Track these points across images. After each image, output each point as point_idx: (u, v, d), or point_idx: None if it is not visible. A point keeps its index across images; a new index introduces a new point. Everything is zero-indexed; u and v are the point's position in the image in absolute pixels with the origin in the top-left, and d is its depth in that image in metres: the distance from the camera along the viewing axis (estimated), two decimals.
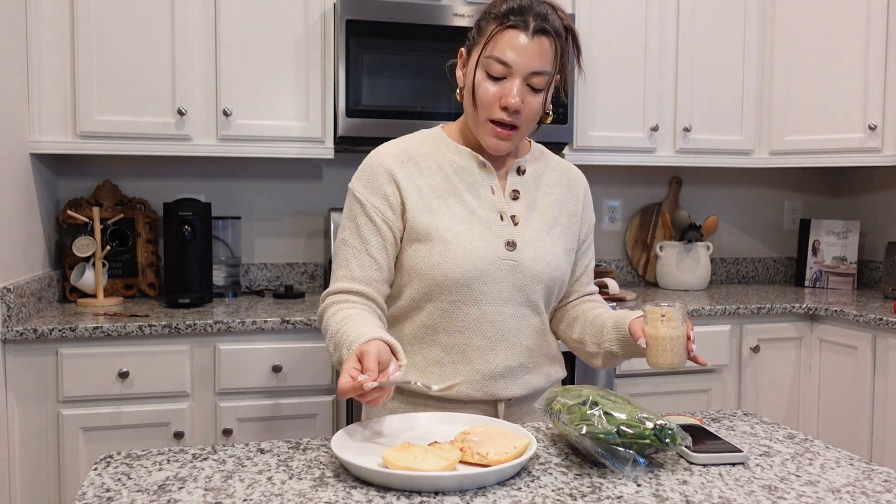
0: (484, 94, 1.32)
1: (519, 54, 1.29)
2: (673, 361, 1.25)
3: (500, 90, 1.31)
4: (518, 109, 1.31)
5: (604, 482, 1.04)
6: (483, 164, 1.40)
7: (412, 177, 1.36)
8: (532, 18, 1.29)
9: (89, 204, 2.63)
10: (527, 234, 1.38)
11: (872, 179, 3.33)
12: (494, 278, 1.34)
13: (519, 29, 1.29)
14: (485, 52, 1.32)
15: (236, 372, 2.21)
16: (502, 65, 1.30)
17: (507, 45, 1.29)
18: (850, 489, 1.03)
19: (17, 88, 2.24)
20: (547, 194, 1.45)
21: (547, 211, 1.43)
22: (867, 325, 2.51)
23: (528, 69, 1.30)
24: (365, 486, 1.01)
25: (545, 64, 1.31)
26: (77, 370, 2.10)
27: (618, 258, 3.27)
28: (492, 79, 1.31)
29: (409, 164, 1.37)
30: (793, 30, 2.91)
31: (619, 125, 2.83)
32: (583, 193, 1.50)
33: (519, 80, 1.30)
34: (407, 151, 1.39)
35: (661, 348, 1.25)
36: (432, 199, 1.35)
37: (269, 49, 2.49)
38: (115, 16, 2.36)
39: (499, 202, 1.39)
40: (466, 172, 1.39)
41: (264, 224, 2.87)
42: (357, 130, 2.48)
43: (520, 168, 1.43)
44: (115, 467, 1.09)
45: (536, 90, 1.32)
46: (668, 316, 1.24)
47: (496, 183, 1.40)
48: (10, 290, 2.06)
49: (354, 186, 1.39)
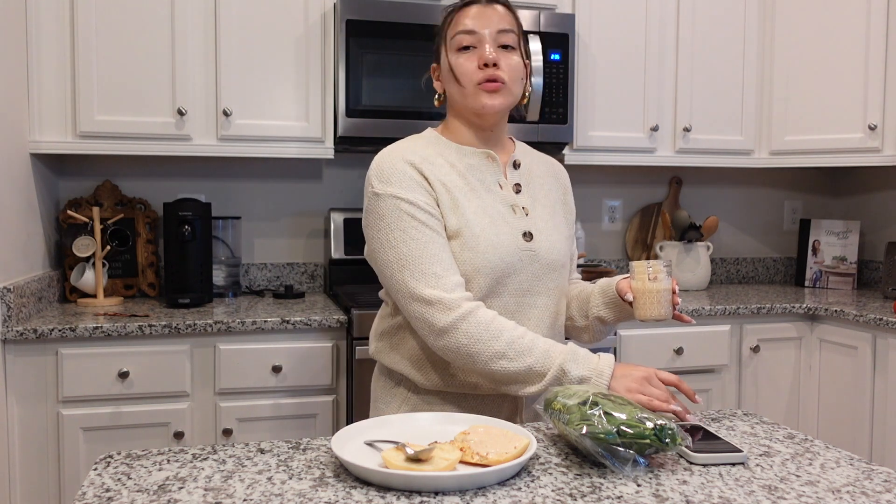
0: (462, 65, 1.37)
1: (479, 18, 1.36)
2: (660, 313, 1.33)
3: (475, 55, 1.36)
4: (496, 63, 1.35)
5: (604, 482, 1.04)
6: (490, 156, 1.42)
7: (434, 173, 1.36)
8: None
9: (89, 204, 2.63)
10: (538, 224, 1.42)
11: (872, 179, 3.33)
12: (517, 269, 1.38)
13: (473, 4, 1.38)
14: (449, 35, 1.39)
15: (236, 372, 2.21)
16: (468, 33, 1.36)
17: (466, 17, 1.37)
18: (850, 489, 1.03)
19: (17, 88, 2.24)
20: (541, 185, 1.49)
21: (546, 201, 1.47)
22: (867, 325, 2.51)
23: (494, 28, 1.36)
24: (365, 486, 1.01)
25: (507, 22, 1.37)
26: (77, 370, 2.10)
27: (618, 258, 3.27)
28: (464, 51, 1.37)
29: (425, 162, 1.37)
30: (793, 30, 2.91)
31: (619, 125, 2.83)
32: (566, 183, 1.57)
33: (488, 39, 1.36)
34: (416, 152, 1.39)
35: (649, 300, 1.32)
36: (456, 194, 1.36)
37: (269, 49, 2.49)
38: (115, 16, 2.36)
39: (509, 196, 1.42)
40: (476, 169, 1.41)
41: (264, 224, 2.87)
42: (357, 130, 2.48)
43: (515, 162, 1.47)
44: (115, 467, 1.09)
45: (509, 48, 1.37)
46: (654, 269, 1.32)
47: (503, 178, 1.43)
48: (10, 290, 2.06)
49: (390, 191, 1.32)
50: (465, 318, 1.27)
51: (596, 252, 3.24)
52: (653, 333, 2.55)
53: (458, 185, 1.37)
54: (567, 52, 2.63)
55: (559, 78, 2.63)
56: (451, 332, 1.27)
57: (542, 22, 2.61)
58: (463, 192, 1.36)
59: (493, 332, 1.26)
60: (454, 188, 1.36)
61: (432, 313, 1.27)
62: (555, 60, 2.62)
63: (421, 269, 1.28)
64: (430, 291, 1.27)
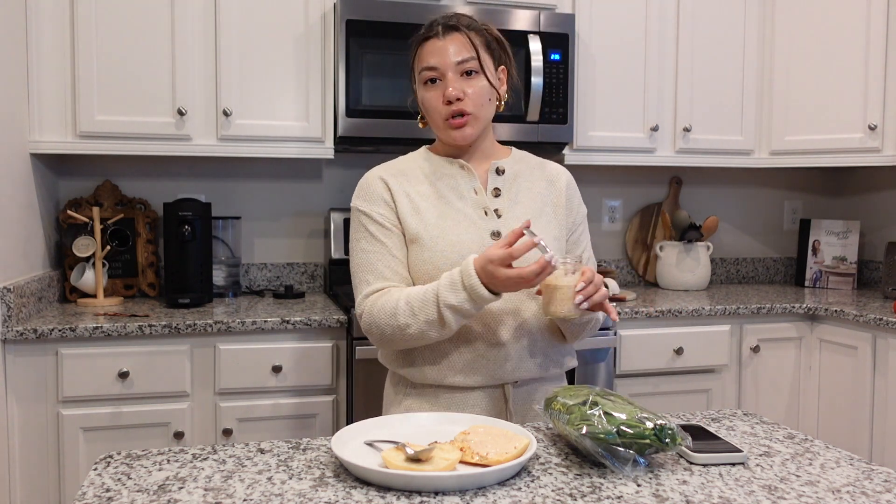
0: (430, 101, 1.47)
1: (439, 54, 1.45)
2: (557, 310, 1.31)
3: (440, 90, 1.46)
4: (459, 97, 1.44)
5: (604, 482, 1.04)
6: (464, 166, 1.51)
7: (402, 185, 1.50)
8: (440, 25, 1.47)
9: (89, 204, 2.63)
10: (510, 224, 1.47)
11: (872, 179, 3.33)
12: None
13: (432, 37, 1.46)
14: (416, 69, 1.50)
15: (236, 372, 2.21)
16: (431, 70, 1.46)
17: (427, 54, 1.47)
18: (850, 489, 1.03)
19: (17, 88, 2.24)
20: (529, 189, 1.53)
21: (530, 204, 1.52)
22: (867, 325, 2.51)
23: (452, 61, 1.44)
24: (365, 486, 1.01)
25: (465, 52, 1.45)
26: (77, 370, 2.10)
27: (618, 258, 3.27)
28: (431, 86, 1.47)
29: (399, 175, 1.52)
30: (793, 30, 2.91)
31: (618, 125, 2.83)
32: (565, 186, 1.58)
33: (451, 74, 1.44)
34: (396, 167, 1.54)
35: (548, 297, 1.32)
36: (420, 202, 1.47)
37: (269, 49, 2.49)
38: (115, 16, 2.36)
39: (482, 200, 1.49)
40: (450, 177, 1.51)
41: (264, 224, 2.87)
42: (357, 130, 2.48)
43: (498, 168, 1.53)
44: (115, 467, 1.09)
45: (472, 74, 1.45)
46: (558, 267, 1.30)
47: (478, 184, 1.50)
48: (10, 290, 2.06)
49: (356, 204, 1.51)
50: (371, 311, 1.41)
51: (596, 252, 3.24)
52: (653, 333, 2.55)
53: (425, 194, 1.49)
54: (567, 52, 2.63)
55: (559, 78, 2.63)
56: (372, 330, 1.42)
57: (542, 22, 2.61)
58: (429, 199, 1.48)
59: (388, 309, 1.38)
60: (419, 197, 1.48)
61: (359, 314, 1.45)
62: (555, 60, 2.62)
63: (360, 276, 1.47)
64: (358, 295, 1.46)
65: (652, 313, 2.55)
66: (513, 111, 2.57)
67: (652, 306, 2.59)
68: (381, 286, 1.44)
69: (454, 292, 1.32)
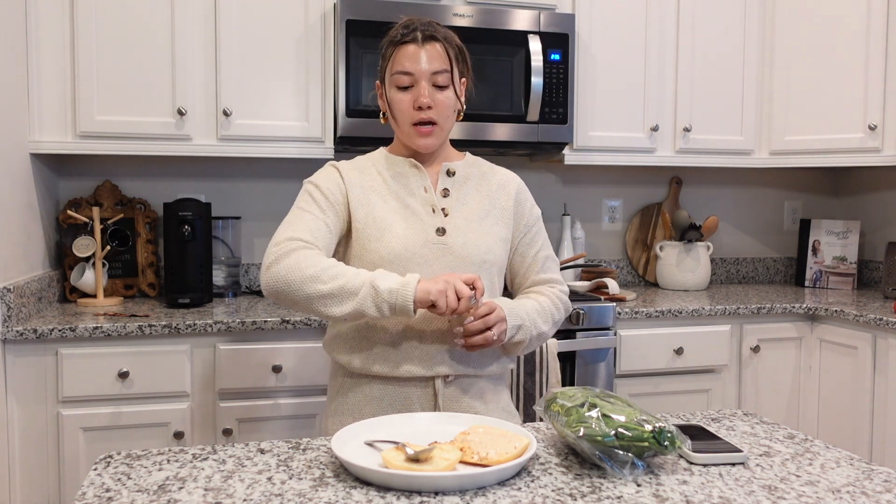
0: (399, 104, 1.51)
1: (416, 62, 1.49)
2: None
3: (412, 96, 1.50)
4: (430, 106, 1.50)
5: (604, 482, 1.04)
6: (415, 166, 1.56)
7: (357, 178, 1.56)
8: (419, 32, 1.50)
9: (89, 204, 2.63)
10: (456, 222, 1.53)
11: (872, 179, 3.33)
12: (427, 260, 1.48)
13: (411, 42, 1.50)
14: (390, 71, 1.52)
15: (236, 372, 2.21)
16: (406, 75, 1.49)
17: (405, 58, 1.50)
18: (850, 489, 1.03)
19: (17, 88, 2.24)
20: (477, 191, 1.59)
21: (477, 206, 1.57)
22: (867, 325, 2.51)
23: (429, 71, 1.49)
24: (365, 486, 1.01)
25: (441, 63, 1.50)
26: (77, 370, 2.10)
27: (618, 258, 3.27)
28: (402, 90, 1.51)
29: (355, 170, 1.58)
30: (793, 30, 2.91)
31: (619, 125, 2.83)
32: (515, 191, 1.63)
33: (424, 82, 1.49)
34: (353, 163, 1.60)
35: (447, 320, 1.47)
36: (371, 195, 1.53)
37: (269, 49, 2.49)
38: (115, 16, 2.36)
39: (430, 198, 1.55)
40: (402, 176, 1.56)
41: (264, 224, 2.87)
42: (357, 130, 2.48)
43: (449, 170, 1.59)
44: (115, 467, 1.09)
45: (442, 87, 1.51)
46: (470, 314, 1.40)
47: (428, 183, 1.56)
48: (10, 290, 2.06)
49: (308, 180, 1.55)
50: (289, 254, 1.40)
51: (596, 252, 3.24)
52: (653, 333, 2.55)
53: (377, 188, 1.54)
54: (567, 52, 2.63)
55: (559, 78, 2.63)
56: (274, 266, 1.40)
57: (542, 22, 2.61)
58: (381, 193, 1.54)
59: (310, 262, 1.38)
60: (371, 191, 1.54)
61: (268, 252, 1.43)
62: (555, 60, 2.62)
63: (288, 226, 1.46)
64: (278, 237, 1.44)
65: (652, 313, 2.55)
66: (513, 111, 2.58)
67: (652, 306, 2.59)
68: (307, 238, 1.43)
69: (386, 280, 1.36)
